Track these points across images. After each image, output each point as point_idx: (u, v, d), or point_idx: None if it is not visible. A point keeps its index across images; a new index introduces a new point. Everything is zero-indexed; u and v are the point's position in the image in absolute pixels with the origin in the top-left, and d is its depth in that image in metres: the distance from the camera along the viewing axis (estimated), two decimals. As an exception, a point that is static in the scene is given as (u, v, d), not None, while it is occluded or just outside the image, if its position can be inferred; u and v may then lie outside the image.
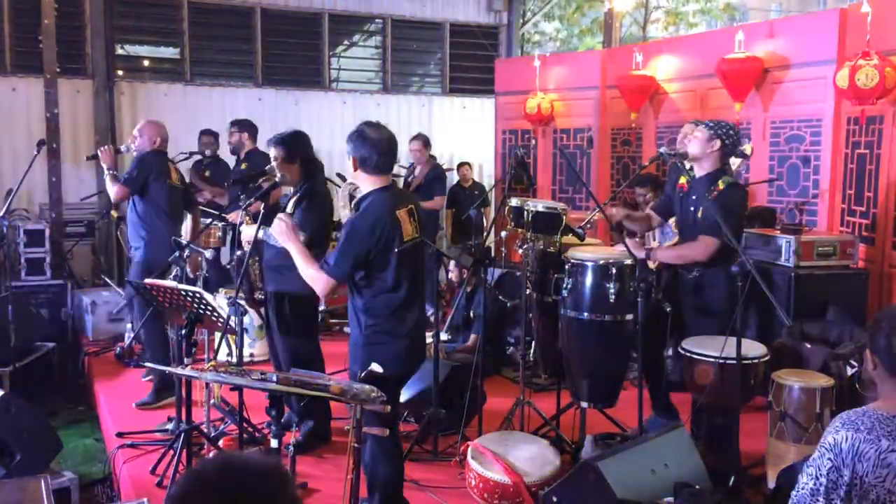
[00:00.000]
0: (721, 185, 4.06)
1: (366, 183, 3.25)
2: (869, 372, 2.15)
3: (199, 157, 7.30)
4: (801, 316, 4.78)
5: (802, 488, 2.04)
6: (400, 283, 3.19)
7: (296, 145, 4.23)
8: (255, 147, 6.61)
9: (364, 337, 3.22)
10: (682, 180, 4.32)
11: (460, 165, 9.14)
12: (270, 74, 9.13)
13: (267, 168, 5.13)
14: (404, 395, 4.55)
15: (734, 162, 4.63)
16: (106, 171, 5.20)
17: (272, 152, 4.19)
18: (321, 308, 6.69)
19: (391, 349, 3.20)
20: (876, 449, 1.94)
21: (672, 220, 4.64)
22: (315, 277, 3.21)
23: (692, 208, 4.18)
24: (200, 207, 6.75)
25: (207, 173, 7.21)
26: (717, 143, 4.09)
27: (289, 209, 4.26)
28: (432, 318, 4.55)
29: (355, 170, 3.23)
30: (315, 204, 4.19)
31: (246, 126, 6.61)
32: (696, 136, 4.16)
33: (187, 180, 7.03)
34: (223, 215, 5.85)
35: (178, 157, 7.06)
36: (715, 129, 4.11)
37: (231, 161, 7.10)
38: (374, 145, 3.19)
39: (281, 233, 3.31)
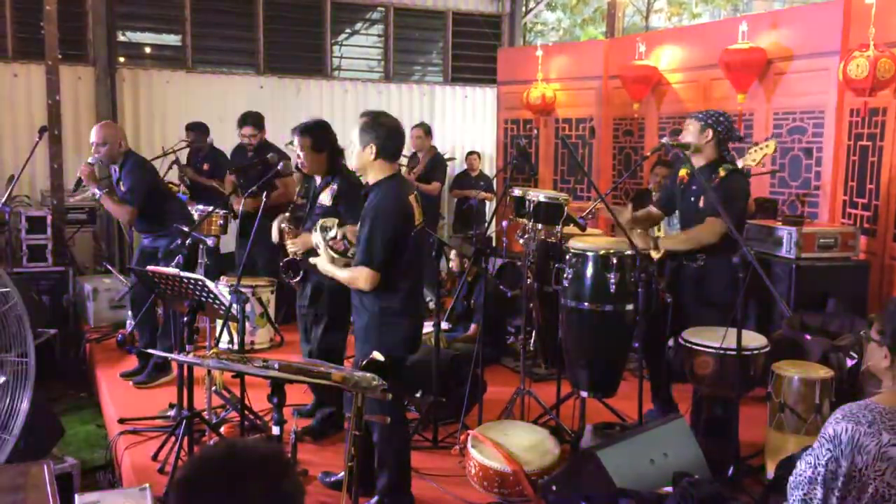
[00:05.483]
0: (722, 173, 4.07)
1: (380, 170, 3.28)
2: (872, 366, 2.14)
3: (189, 148, 7.21)
4: (802, 307, 4.79)
5: (800, 474, 2.06)
6: (413, 267, 3.28)
7: (323, 135, 4.13)
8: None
9: (378, 318, 3.27)
10: (682, 172, 4.33)
11: (469, 155, 9.15)
12: (272, 62, 9.09)
13: (269, 156, 5.11)
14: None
15: (754, 157, 4.68)
16: (99, 194, 4.91)
17: (297, 141, 4.08)
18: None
19: (402, 331, 3.30)
20: (877, 442, 1.94)
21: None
22: (356, 276, 3.24)
23: (693, 199, 4.19)
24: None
25: (206, 166, 7.12)
26: (710, 133, 4.11)
27: (325, 201, 4.11)
28: (433, 307, 4.55)
29: (375, 158, 3.23)
30: (357, 195, 4.04)
31: (262, 123, 6.44)
32: (689, 128, 4.19)
33: (186, 177, 7.02)
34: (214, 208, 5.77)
35: (178, 146, 7.04)
36: (705, 119, 4.13)
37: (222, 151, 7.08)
38: (392, 133, 3.26)
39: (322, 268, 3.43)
